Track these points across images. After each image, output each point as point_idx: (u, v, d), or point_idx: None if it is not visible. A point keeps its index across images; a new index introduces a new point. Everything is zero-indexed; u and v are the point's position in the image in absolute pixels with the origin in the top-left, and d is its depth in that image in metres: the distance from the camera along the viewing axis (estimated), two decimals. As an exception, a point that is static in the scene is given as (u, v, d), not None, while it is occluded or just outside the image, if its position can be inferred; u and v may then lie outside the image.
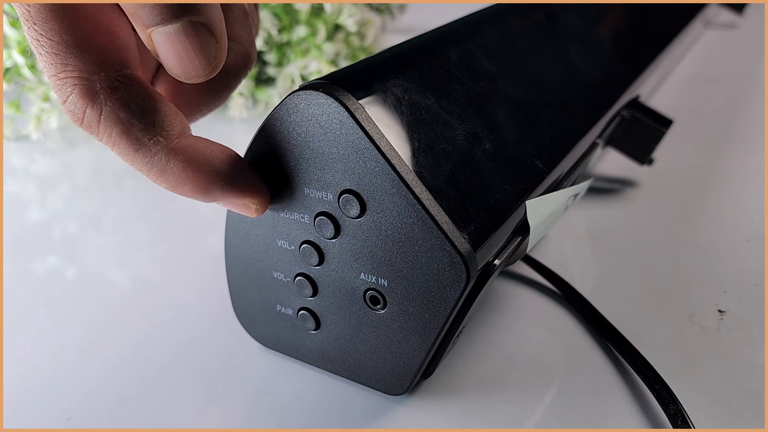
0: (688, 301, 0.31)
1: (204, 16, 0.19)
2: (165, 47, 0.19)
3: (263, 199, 0.22)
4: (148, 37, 0.19)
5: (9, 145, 0.52)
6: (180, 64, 0.19)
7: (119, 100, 0.19)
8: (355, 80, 0.22)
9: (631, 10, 0.45)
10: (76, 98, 0.19)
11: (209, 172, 0.21)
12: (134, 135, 0.19)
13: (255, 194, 0.22)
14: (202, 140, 0.21)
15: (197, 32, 0.19)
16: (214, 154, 0.21)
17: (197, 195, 0.21)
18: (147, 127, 0.20)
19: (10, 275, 0.35)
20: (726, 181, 0.43)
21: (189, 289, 0.33)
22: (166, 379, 0.27)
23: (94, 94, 0.19)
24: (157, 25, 0.18)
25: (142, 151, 0.20)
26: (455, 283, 0.21)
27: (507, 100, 0.27)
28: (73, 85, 0.19)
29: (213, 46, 0.19)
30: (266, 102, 0.56)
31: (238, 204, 0.22)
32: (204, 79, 0.20)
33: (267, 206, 0.23)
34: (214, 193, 0.21)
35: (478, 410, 0.25)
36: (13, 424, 0.25)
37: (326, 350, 0.26)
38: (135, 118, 0.19)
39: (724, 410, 0.25)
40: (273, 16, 0.54)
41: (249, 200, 0.22)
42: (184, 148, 0.20)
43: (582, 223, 0.38)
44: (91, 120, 0.19)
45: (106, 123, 0.19)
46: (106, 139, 0.20)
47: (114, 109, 0.19)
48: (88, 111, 0.19)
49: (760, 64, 0.66)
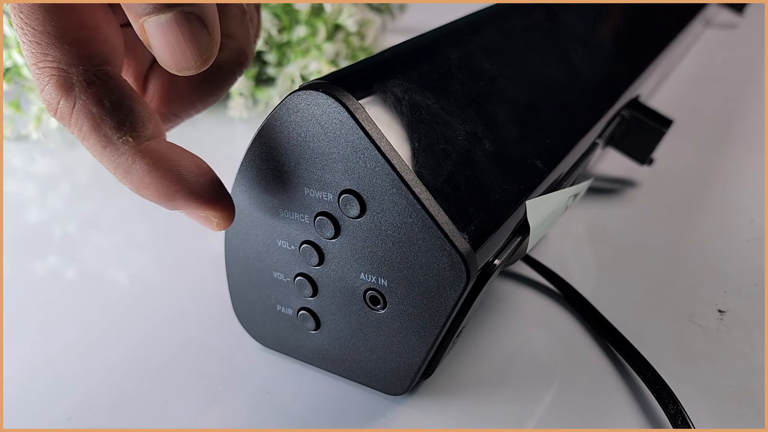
0: (688, 301, 0.31)
1: (197, 7, 0.19)
2: (157, 37, 0.19)
3: (226, 214, 0.22)
4: (140, 26, 0.19)
5: (9, 145, 0.52)
6: (171, 54, 0.19)
7: (93, 95, 0.19)
8: (355, 80, 0.22)
9: (631, 10, 0.45)
10: (52, 88, 0.19)
11: (174, 179, 0.20)
12: (104, 131, 0.20)
13: (218, 209, 0.22)
14: (174, 147, 0.21)
15: (189, 22, 0.19)
16: (183, 163, 0.21)
17: (159, 200, 0.21)
18: (118, 125, 0.20)
19: (10, 275, 0.35)
20: (726, 181, 0.43)
21: (189, 289, 0.33)
22: (166, 379, 0.27)
23: (70, 87, 0.19)
24: (150, 15, 0.18)
25: (109, 148, 0.20)
26: (455, 283, 0.21)
27: (507, 100, 0.27)
28: (50, 75, 0.19)
29: (205, 38, 0.19)
30: (266, 102, 0.56)
31: (200, 216, 0.22)
32: (195, 72, 0.20)
33: (230, 222, 0.22)
34: (176, 200, 0.21)
35: (478, 410, 0.25)
36: (13, 424, 0.25)
37: (326, 350, 0.26)
38: (106, 115, 0.19)
39: (724, 410, 0.25)
40: (273, 16, 0.54)
41: (211, 213, 0.22)
42: (152, 152, 0.20)
43: (582, 223, 0.38)
44: (64, 111, 0.19)
45: (78, 116, 0.19)
46: (76, 132, 0.20)
47: (87, 103, 0.19)
48: (62, 102, 0.19)
49: (760, 64, 0.66)
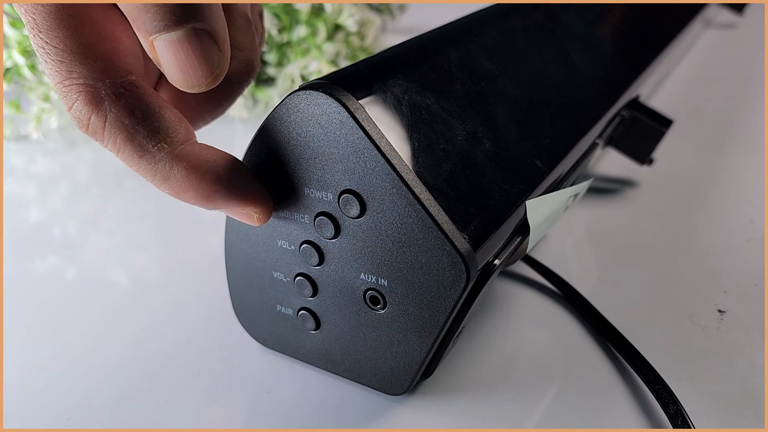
0: (688, 301, 0.31)
1: (207, 23, 0.18)
2: (167, 55, 0.19)
3: (266, 208, 0.22)
4: (150, 44, 0.19)
5: (9, 145, 0.52)
6: (182, 72, 0.19)
7: (124, 107, 0.19)
8: (355, 80, 0.22)
9: (631, 10, 0.45)
10: (81, 105, 0.19)
11: (212, 180, 0.20)
12: (138, 141, 0.19)
13: (258, 203, 0.22)
14: (207, 147, 0.21)
15: (200, 40, 0.18)
16: (218, 162, 0.21)
17: (200, 202, 0.21)
18: (151, 133, 0.19)
19: (10, 275, 0.35)
20: (726, 181, 0.43)
21: (189, 289, 0.33)
22: (166, 379, 0.27)
23: (99, 101, 0.19)
24: (160, 32, 0.18)
25: (146, 157, 0.20)
26: (455, 283, 0.21)
27: (507, 100, 0.27)
28: (78, 92, 0.19)
29: (216, 55, 0.19)
30: (266, 102, 0.56)
31: (241, 212, 0.22)
32: (206, 88, 0.20)
33: (269, 215, 0.22)
34: (216, 200, 0.21)
35: (478, 410, 0.25)
36: (13, 424, 0.25)
37: (326, 350, 0.26)
38: (139, 125, 0.19)
39: (724, 410, 0.25)
40: (273, 16, 0.54)
41: (252, 209, 0.22)
42: (188, 155, 0.20)
43: (582, 223, 0.38)
44: (96, 126, 0.19)
45: (110, 129, 0.19)
46: (111, 145, 0.20)
47: (118, 116, 0.19)
48: (93, 117, 0.19)
49: (760, 64, 0.66)
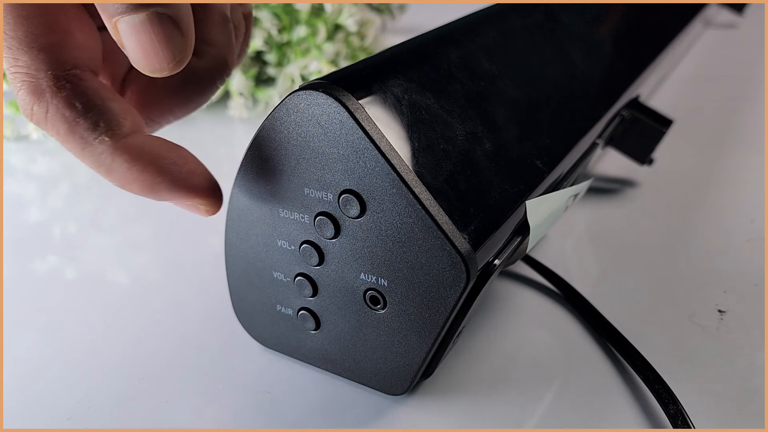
0: (688, 301, 0.31)
1: (170, 8, 0.19)
2: (130, 37, 0.19)
3: (213, 200, 0.22)
4: (113, 26, 0.19)
5: (9, 145, 0.52)
6: (144, 55, 0.19)
7: (64, 99, 0.20)
8: (355, 80, 0.22)
9: (631, 10, 0.45)
10: (24, 94, 0.20)
11: (155, 172, 0.21)
12: (79, 133, 0.20)
13: (204, 195, 0.22)
14: (155, 140, 0.21)
15: (162, 23, 0.19)
16: (163, 154, 0.21)
17: (144, 193, 0.21)
18: (92, 125, 0.20)
19: (10, 275, 0.35)
20: (726, 181, 0.43)
21: (189, 289, 0.33)
22: (165, 379, 0.27)
23: (40, 92, 0.20)
24: (123, 14, 0.18)
25: (88, 149, 0.20)
26: (455, 283, 0.21)
27: (507, 100, 0.27)
28: (21, 81, 0.20)
29: (179, 39, 0.19)
30: (266, 102, 0.56)
31: (188, 204, 0.22)
32: (169, 73, 0.20)
33: (218, 207, 0.23)
34: (161, 192, 0.21)
35: (478, 410, 0.25)
36: (13, 424, 0.25)
37: (326, 350, 0.26)
38: (80, 117, 0.20)
39: (724, 410, 0.25)
40: (273, 16, 0.54)
41: (198, 201, 0.22)
42: (131, 147, 0.20)
43: (582, 223, 0.38)
44: (39, 116, 0.20)
45: (52, 120, 0.20)
46: (54, 135, 0.20)
47: (59, 108, 0.20)
48: (35, 107, 0.20)
49: (760, 64, 0.66)
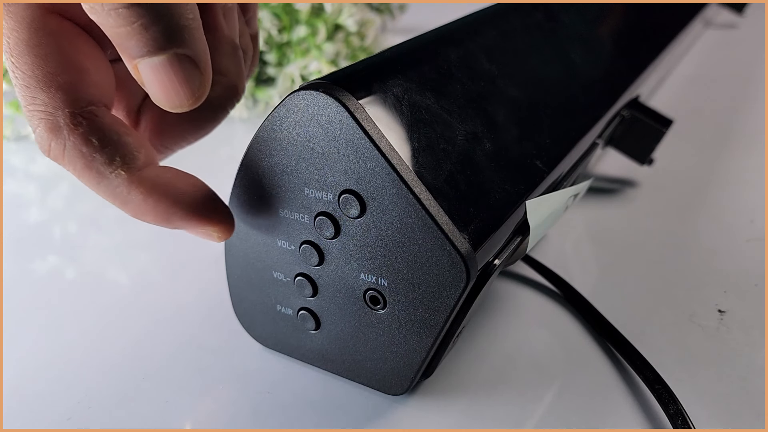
0: (688, 301, 0.31)
1: (189, 49, 0.19)
2: (150, 78, 0.19)
3: (225, 227, 0.23)
4: (134, 67, 0.19)
5: (9, 145, 0.52)
6: (165, 94, 0.20)
7: (81, 136, 0.20)
8: (355, 80, 0.22)
9: (631, 10, 0.45)
10: (42, 131, 0.20)
11: (170, 203, 0.21)
12: (96, 168, 0.20)
13: (215, 223, 0.23)
14: (168, 170, 0.22)
15: (182, 64, 0.19)
16: (177, 185, 0.22)
17: (159, 223, 0.22)
18: (108, 160, 0.20)
19: (10, 275, 0.35)
20: (726, 181, 0.43)
21: (189, 289, 0.33)
22: (166, 378, 0.27)
23: (58, 129, 0.20)
24: (143, 57, 0.19)
25: (104, 183, 0.21)
26: (455, 283, 0.21)
27: (507, 100, 0.27)
28: (39, 119, 0.20)
29: (197, 78, 0.20)
30: (266, 102, 0.56)
31: (201, 232, 0.23)
32: (188, 109, 0.20)
33: (230, 234, 0.23)
34: (175, 221, 0.22)
35: (478, 410, 0.25)
36: (13, 424, 0.25)
37: (326, 350, 0.26)
38: (96, 152, 0.20)
39: (724, 410, 0.25)
40: (273, 16, 0.54)
41: (211, 229, 0.23)
42: (146, 180, 0.21)
43: (582, 223, 0.38)
44: (56, 153, 0.20)
45: (69, 157, 0.20)
46: (71, 170, 0.21)
47: (76, 144, 0.20)
48: (53, 144, 0.20)
49: (760, 64, 0.66)
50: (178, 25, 0.19)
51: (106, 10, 0.18)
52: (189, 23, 0.19)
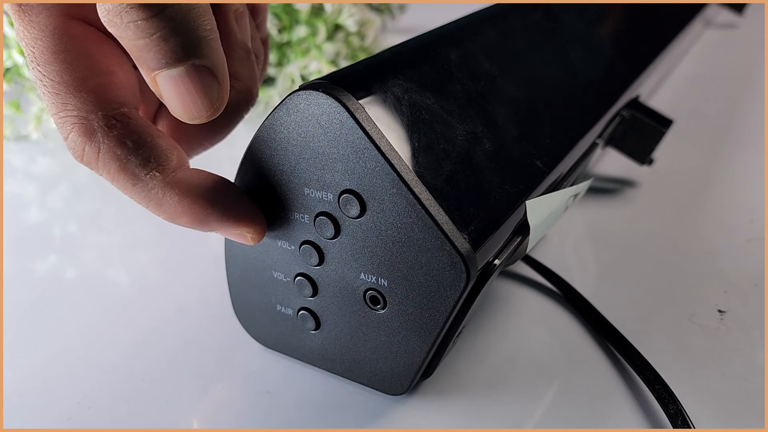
0: (688, 301, 0.31)
1: (207, 60, 0.19)
2: (169, 90, 0.19)
3: (259, 228, 0.23)
4: (152, 79, 0.19)
5: (9, 145, 0.52)
6: (183, 105, 0.20)
7: (116, 138, 0.20)
8: (355, 80, 0.22)
9: (631, 10, 0.45)
10: (76, 136, 0.20)
11: (205, 204, 0.21)
12: (131, 170, 0.20)
13: (250, 223, 0.23)
14: (199, 172, 0.22)
15: (200, 75, 0.19)
16: (210, 186, 0.22)
17: (194, 225, 0.22)
18: (143, 162, 0.20)
19: (10, 275, 0.35)
20: (726, 181, 0.43)
21: (189, 289, 0.33)
22: (166, 379, 0.27)
23: (92, 133, 0.20)
24: (162, 69, 0.19)
25: (139, 185, 0.21)
26: (455, 283, 0.21)
27: (507, 100, 0.27)
28: (72, 124, 0.20)
29: (215, 88, 0.20)
30: (266, 102, 0.56)
31: (235, 233, 0.23)
32: (206, 120, 0.20)
33: (263, 234, 0.23)
34: (210, 223, 0.22)
35: (478, 410, 0.25)
36: (13, 424, 0.25)
37: (326, 350, 0.26)
38: (131, 155, 0.20)
39: (724, 410, 0.25)
40: (273, 16, 0.54)
41: (245, 229, 0.23)
42: (180, 182, 0.21)
43: (582, 223, 0.38)
44: (90, 157, 0.20)
45: (104, 160, 0.20)
46: (105, 174, 0.21)
47: (111, 147, 0.20)
48: (87, 148, 0.20)
49: (760, 64, 0.66)
50: (197, 36, 0.19)
51: (125, 23, 0.18)
52: (207, 34, 0.19)
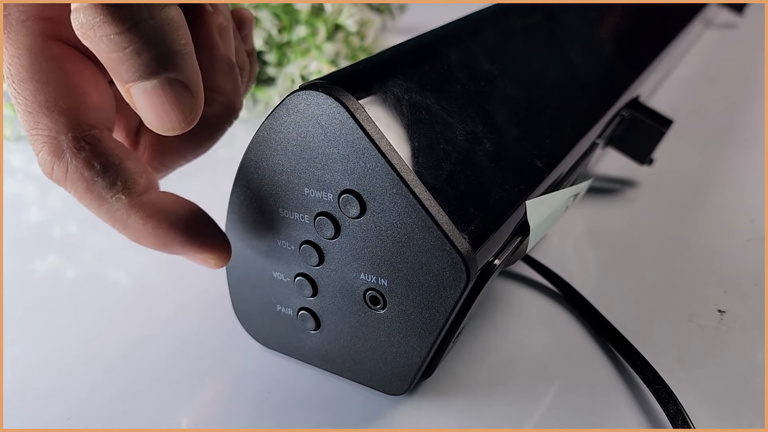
0: (688, 301, 0.31)
1: (180, 73, 0.19)
2: (142, 102, 0.20)
3: (223, 255, 0.23)
4: (127, 92, 0.20)
5: (9, 145, 0.52)
6: (157, 117, 0.20)
7: (83, 160, 0.20)
8: (355, 80, 0.22)
9: (631, 10, 0.45)
10: (45, 155, 0.20)
11: (168, 228, 0.22)
12: (97, 192, 0.21)
13: (213, 250, 0.23)
14: (168, 196, 0.22)
15: (173, 87, 0.19)
16: (177, 211, 0.22)
17: (158, 248, 0.22)
18: (109, 184, 0.21)
19: (10, 275, 0.35)
20: (726, 181, 0.43)
21: (189, 290, 0.33)
22: (165, 379, 0.27)
23: (61, 153, 0.20)
24: (135, 82, 0.19)
25: (105, 206, 0.21)
26: (455, 283, 0.21)
27: (507, 100, 0.27)
28: (42, 143, 0.20)
29: (189, 101, 0.20)
30: (266, 102, 0.56)
31: (198, 258, 0.23)
32: (180, 132, 0.21)
33: (227, 261, 0.24)
34: (173, 247, 0.22)
35: (478, 410, 0.25)
36: (13, 424, 0.25)
37: (326, 350, 0.26)
38: (98, 176, 0.21)
39: (724, 410, 0.25)
40: (273, 16, 0.54)
41: (208, 256, 0.23)
42: (146, 205, 0.21)
43: (582, 223, 0.38)
44: (58, 175, 0.21)
45: (72, 180, 0.21)
46: (73, 192, 0.21)
47: (78, 168, 0.20)
48: (55, 167, 0.20)
49: (760, 64, 0.66)
50: (171, 50, 0.19)
51: (98, 36, 0.18)
52: (181, 48, 0.19)
